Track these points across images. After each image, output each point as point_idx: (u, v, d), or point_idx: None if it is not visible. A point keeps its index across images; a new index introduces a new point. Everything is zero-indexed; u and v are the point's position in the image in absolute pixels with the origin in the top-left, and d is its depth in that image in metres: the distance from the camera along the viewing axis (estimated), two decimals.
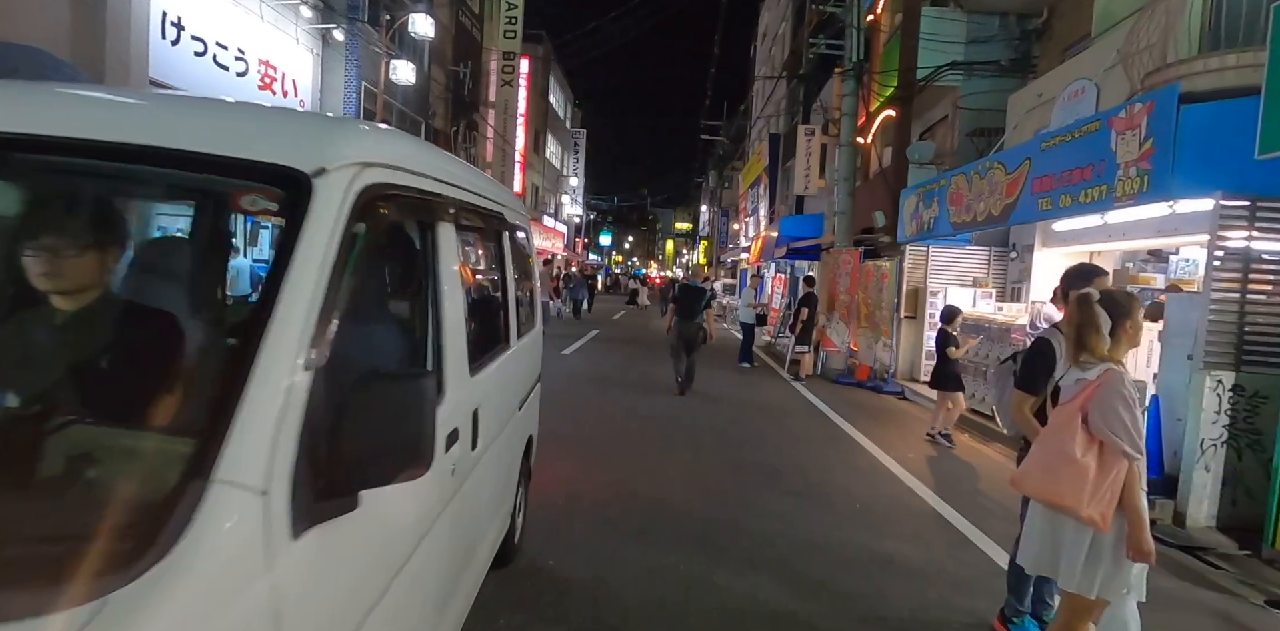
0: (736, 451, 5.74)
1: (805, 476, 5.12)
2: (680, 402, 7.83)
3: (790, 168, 21.05)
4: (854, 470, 5.40)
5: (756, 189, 26.36)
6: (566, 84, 41.44)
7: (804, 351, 10.09)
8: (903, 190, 10.13)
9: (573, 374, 9.30)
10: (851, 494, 4.70)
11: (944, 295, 9.97)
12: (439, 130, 19.40)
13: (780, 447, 5.99)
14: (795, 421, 7.26)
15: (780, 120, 23.52)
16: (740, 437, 6.24)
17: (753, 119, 28.64)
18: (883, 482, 5.06)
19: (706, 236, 51.61)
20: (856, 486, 4.90)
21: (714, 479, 4.90)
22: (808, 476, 5.13)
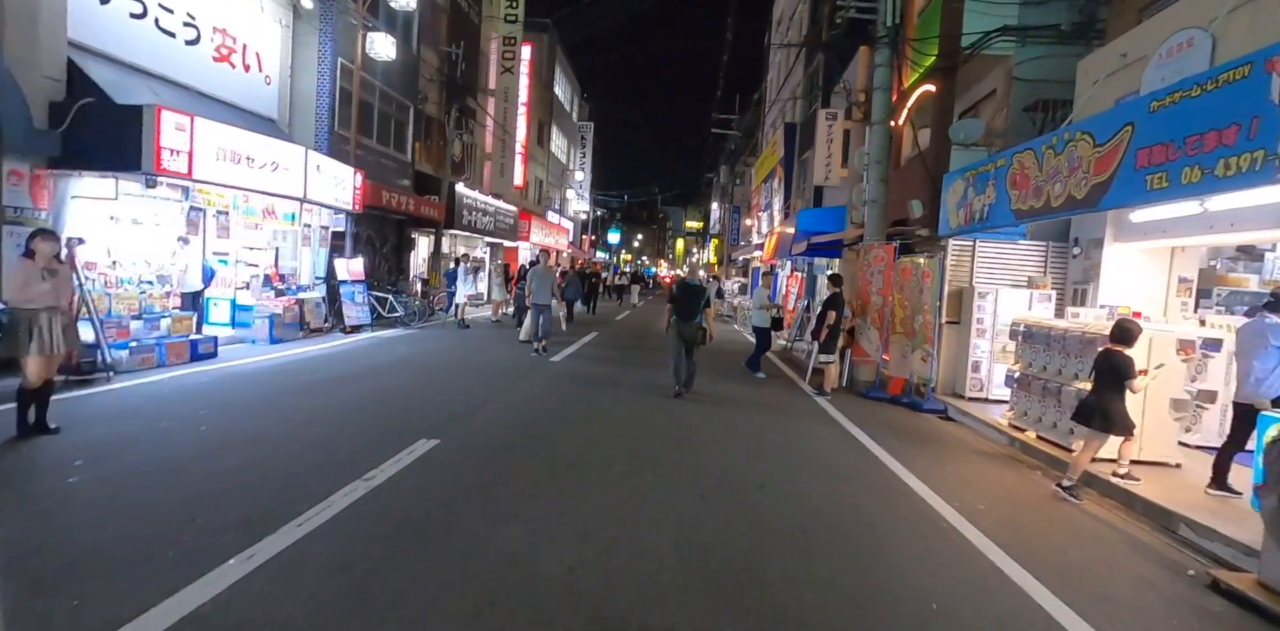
0: (752, 497, 4.37)
1: (846, 543, 3.74)
2: (685, 426, 6.47)
3: (808, 159, 19.61)
4: (911, 533, 4.01)
5: (770, 183, 24.91)
6: (573, 76, 40.11)
7: (829, 362, 8.69)
8: (945, 175, 8.71)
9: (570, 376, 7.97)
10: (917, 581, 3.32)
11: (995, 297, 8.55)
12: (431, 117, 18.09)
13: (809, 493, 4.60)
14: (824, 451, 5.87)
15: (797, 108, 22.06)
16: (757, 476, 4.86)
17: (767, 104, 27.21)
18: (958, 559, 3.66)
19: (717, 234, 50.20)
20: (920, 566, 3.51)
21: (723, 544, 3.54)
22: (849, 543, 3.75)
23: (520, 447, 5.12)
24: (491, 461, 4.66)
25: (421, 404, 6.49)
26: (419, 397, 6.79)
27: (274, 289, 11.14)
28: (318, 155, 10.41)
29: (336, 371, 8.06)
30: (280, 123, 12.05)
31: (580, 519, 3.77)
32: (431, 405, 6.45)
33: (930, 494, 4.74)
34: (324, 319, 11.88)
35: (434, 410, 6.17)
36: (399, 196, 14.14)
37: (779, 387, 9.25)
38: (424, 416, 5.87)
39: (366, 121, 14.29)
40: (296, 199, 9.97)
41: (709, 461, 5.15)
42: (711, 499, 4.27)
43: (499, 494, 4.05)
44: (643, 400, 7.58)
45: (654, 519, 3.85)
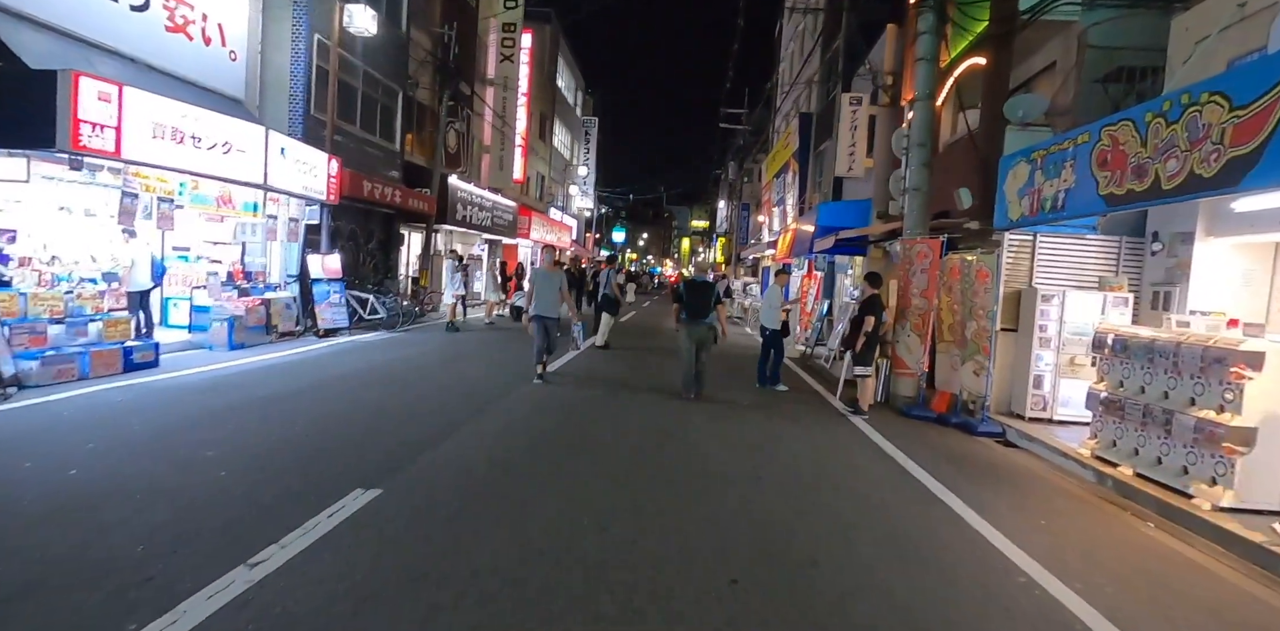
0: (804, 585, 3.15)
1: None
2: (701, 461, 5.25)
3: (825, 150, 18.35)
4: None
5: (783, 177, 23.67)
6: (577, 69, 38.92)
7: (866, 375, 7.45)
8: (1002, 159, 7.47)
9: (562, 391, 6.76)
10: None
11: (1061, 301, 7.31)
12: (424, 105, 16.90)
13: (880, 576, 3.37)
14: (881, 497, 4.64)
15: (813, 97, 20.80)
16: (803, 544, 3.64)
17: (779, 96, 25.93)
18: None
19: (725, 233, 48.95)
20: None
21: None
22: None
23: (484, 503, 3.88)
24: (440, 530, 3.41)
25: (373, 431, 5.27)
26: (373, 422, 5.57)
27: (236, 288, 9.98)
28: (281, 137, 9.22)
29: (287, 385, 6.87)
30: (248, 104, 10.89)
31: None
32: (386, 433, 5.22)
33: (1034, 566, 3.51)
34: (295, 321, 10.72)
35: (387, 441, 4.96)
36: (384, 188, 12.97)
37: (806, 404, 8.02)
38: (372, 450, 4.67)
39: (348, 106, 13.11)
40: (255, 186, 8.79)
41: (737, 521, 3.93)
42: (747, 587, 3.05)
43: (436, 597, 2.76)
44: (647, 423, 6.37)
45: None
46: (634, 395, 7.65)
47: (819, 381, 9.83)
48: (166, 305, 10.29)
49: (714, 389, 8.35)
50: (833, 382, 9.66)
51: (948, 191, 8.70)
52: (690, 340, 7.49)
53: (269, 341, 10.01)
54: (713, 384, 8.53)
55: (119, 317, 7.52)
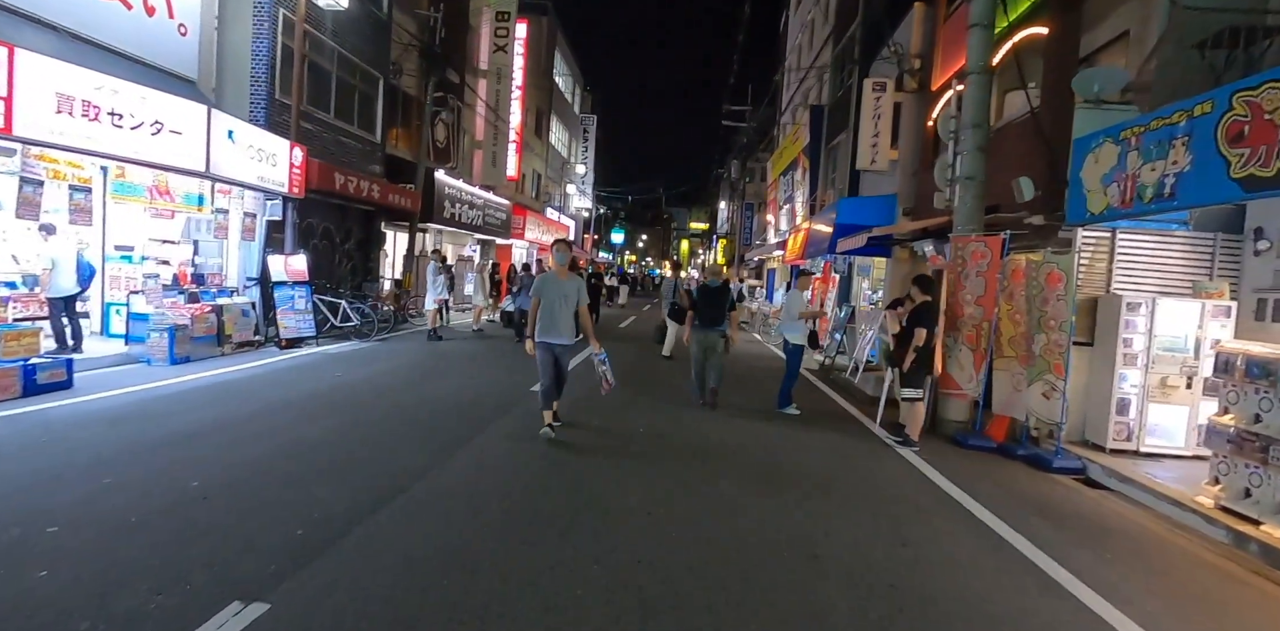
0: None
1: None
2: (729, 533, 4.04)
3: (839, 144, 17.17)
4: None
5: (791, 175, 22.47)
6: (575, 66, 37.75)
7: (917, 398, 6.23)
8: (1076, 141, 6.28)
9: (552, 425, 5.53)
10: None
11: (1149, 310, 6.11)
12: (410, 95, 15.68)
13: None
14: (970, 576, 3.42)
15: (824, 89, 19.62)
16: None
17: (785, 92, 24.70)
18: None
19: (726, 234, 47.75)
20: None
21: None
22: None
23: (425, 625, 2.59)
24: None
25: (290, 493, 3.89)
26: (295, 477, 4.18)
27: (183, 293, 8.75)
28: (229, 118, 7.98)
29: (213, 415, 5.61)
30: (202, 85, 9.66)
31: None
32: (305, 497, 3.84)
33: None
34: (254, 330, 9.48)
35: (303, 510, 3.63)
36: (360, 181, 11.75)
37: (842, 431, 6.80)
38: (275, 529, 3.35)
39: (321, 91, 11.90)
40: (195, 174, 7.55)
41: (750, 601, 2.71)
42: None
43: None
44: (655, 467, 5.14)
45: None
46: (641, 415, 6.43)
47: (847, 399, 8.61)
48: (109, 312, 9.07)
49: (733, 411, 7.14)
50: (863, 401, 8.45)
51: (999, 182, 7.49)
52: (701, 347, 7.20)
53: (220, 354, 8.78)
54: (733, 406, 7.34)
55: (23, 329, 6.29)
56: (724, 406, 7.48)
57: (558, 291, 5.52)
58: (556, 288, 5.53)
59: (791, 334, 7.42)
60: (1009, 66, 8.27)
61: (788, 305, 7.45)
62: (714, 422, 6.65)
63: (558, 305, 5.49)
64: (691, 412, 7.06)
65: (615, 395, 7.47)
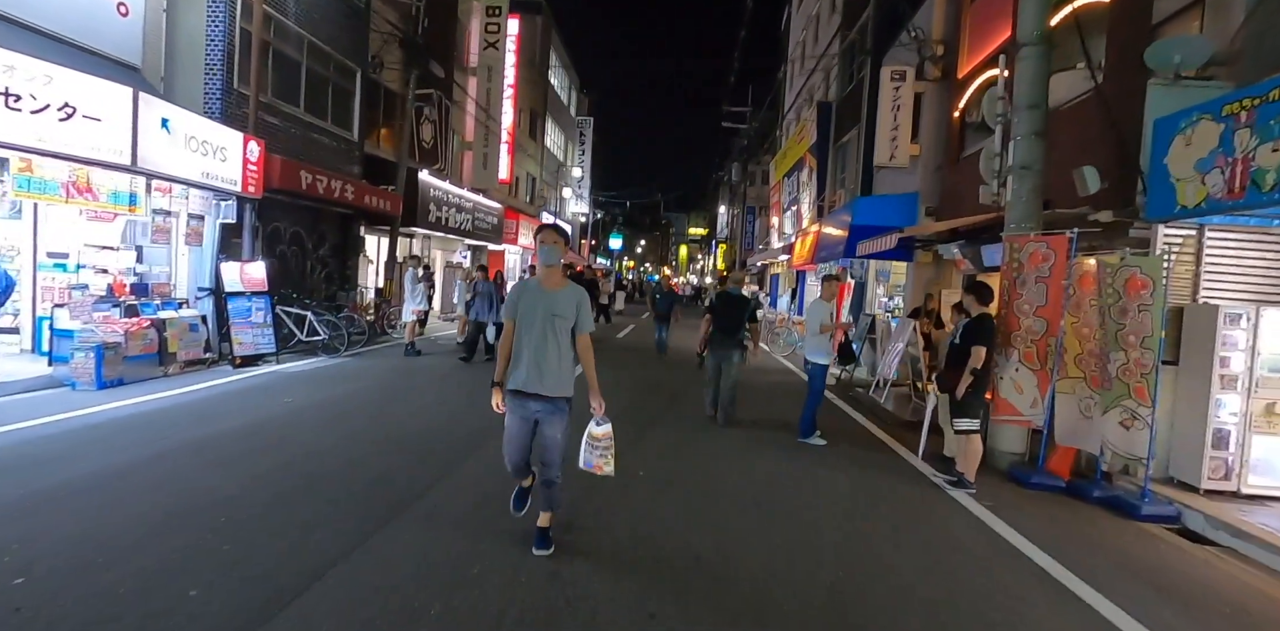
0: None
1: None
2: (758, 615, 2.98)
3: (848, 143, 16.20)
4: None
5: (796, 176, 21.48)
6: (572, 68, 36.86)
7: (973, 430, 5.17)
8: (1158, 121, 5.26)
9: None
10: None
11: (1252, 322, 5.07)
12: (392, 91, 14.68)
13: None
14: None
15: (831, 85, 18.66)
16: None
17: (788, 86, 23.73)
18: None
19: (726, 239, 46.80)
20: None
21: None
22: None
23: None
24: None
25: (173, 586, 2.84)
26: (144, 573, 2.93)
27: (119, 305, 7.71)
28: (163, 105, 6.95)
29: (95, 465, 4.44)
30: (148, 72, 8.65)
31: None
32: (166, 601, 2.71)
33: None
34: (205, 347, 8.43)
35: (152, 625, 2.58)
36: (330, 181, 10.72)
37: (879, 467, 5.73)
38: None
39: (289, 83, 10.89)
40: (118, 167, 6.51)
41: None
42: None
43: None
44: (662, 541, 4.09)
45: None
46: (647, 454, 5.38)
47: (874, 421, 7.54)
48: (40, 328, 8.02)
49: (749, 439, 6.08)
50: (892, 423, 7.40)
51: (1050, 174, 6.46)
52: (717, 358, 6.78)
53: (163, 375, 7.72)
54: (748, 430, 6.28)
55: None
56: (738, 430, 6.44)
57: (545, 309, 3.35)
58: (543, 303, 3.36)
59: (815, 353, 6.35)
60: (1060, 42, 7.24)
61: (810, 319, 6.38)
62: (728, 458, 5.59)
63: (545, 333, 3.34)
64: (702, 443, 6.00)
65: (615, 424, 6.43)
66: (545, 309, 3.37)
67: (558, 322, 3.38)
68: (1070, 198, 6.33)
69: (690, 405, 7.74)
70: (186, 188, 7.81)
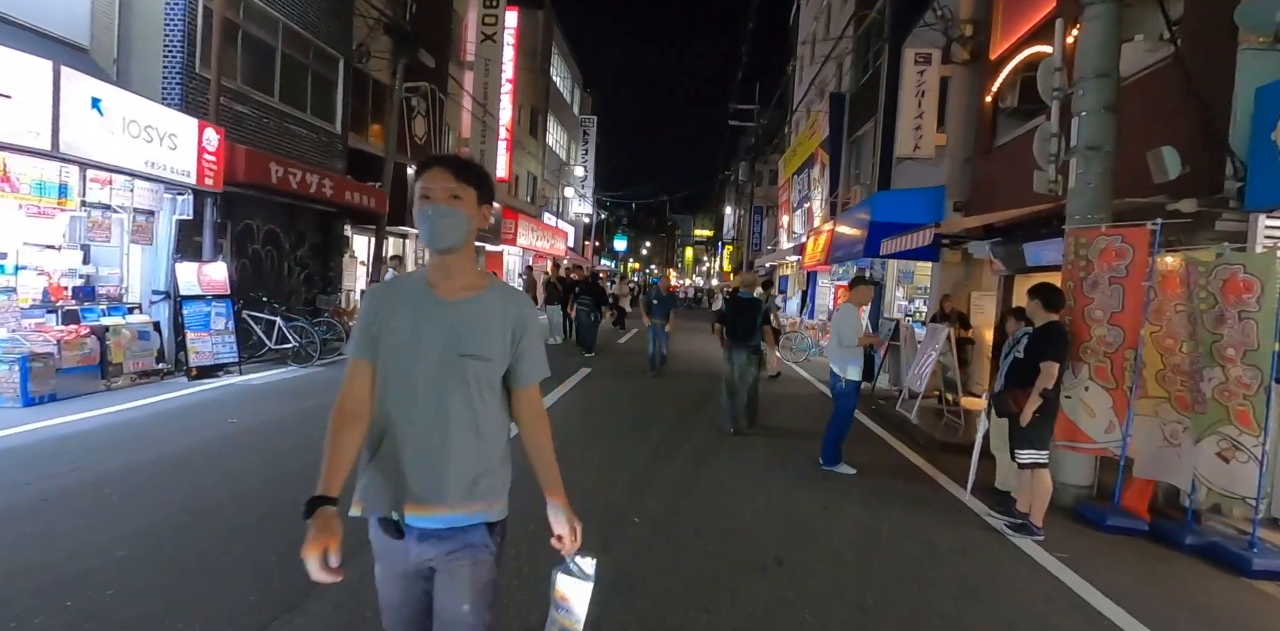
0: None
1: None
2: None
3: (863, 136, 15.30)
4: None
5: (807, 173, 20.58)
6: (575, 66, 36.08)
7: (1040, 463, 4.25)
8: (1260, 89, 4.36)
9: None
10: None
11: None
12: (382, 82, 13.86)
13: None
14: None
15: (844, 78, 17.76)
16: None
17: (798, 81, 22.79)
18: None
19: (732, 240, 45.87)
20: None
21: None
22: None
23: None
24: None
25: None
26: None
27: (54, 311, 6.90)
28: (93, 82, 6.08)
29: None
30: (98, 54, 7.84)
31: None
32: None
33: None
34: (158, 357, 7.59)
35: None
36: (307, 175, 9.89)
37: (918, 502, 4.82)
38: None
39: (262, 69, 10.08)
40: (34, 152, 5.66)
41: None
42: None
43: None
44: (662, 621, 3.20)
45: None
46: (652, 508, 4.50)
47: (905, 442, 6.63)
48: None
49: (765, 462, 5.17)
50: (927, 445, 6.49)
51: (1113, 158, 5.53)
52: (732, 365, 6.46)
53: (104, 389, 6.89)
54: (764, 448, 5.38)
55: None
56: (753, 452, 5.54)
57: (444, 340, 1.60)
58: (439, 327, 1.61)
59: (844, 364, 5.43)
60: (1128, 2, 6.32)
61: (839, 327, 5.45)
62: (742, 493, 4.69)
63: (445, 389, 1.61)
64: (710, 472, 5.10)
65: (611, 446, 5.53)
66: (445, 340, 1.60)
67: (471, 369, 1.61)
68: (1139, 185, 5.40)
69: (697, 424, 6.85)
70: (131, 179, 6.97)
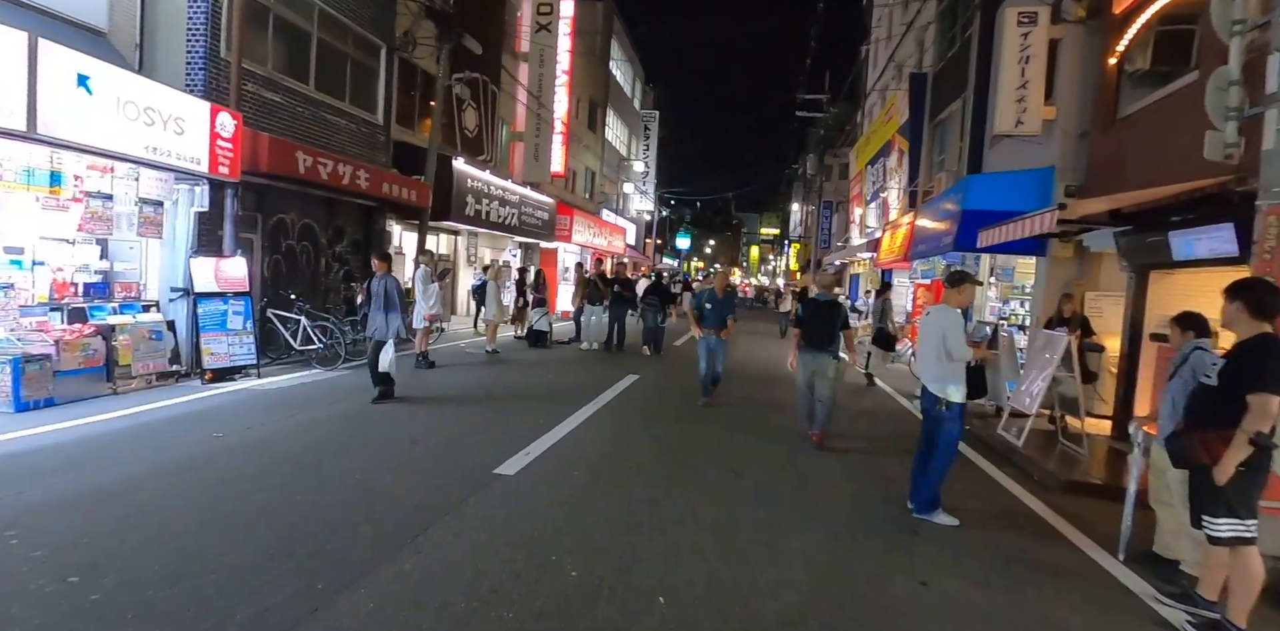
0: None
1: None
2: None
3: (948, 118, 13.71)
4: None
5: (882, 162, 18.96)
6: (636, 59, 35.22)
7: (1247, 537, 2.98)
8: None
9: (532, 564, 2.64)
10: None
11: None
12: (430, 73, 13.30)
13: None
14: None
15: (924, 57, 16.11)
16: None
17: (872, 65, 21.07)
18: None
19: (800, 238, 43.99)
20: None
21: None
22: None
23: None
24: None
25: None
26: None
27: (58, 309, 6.45)
28: (79, 57, 5.50)
29: None
30: (118, 38, 7.42)
31: None
32: None
33: None
34: (171, 358, 7.10)
35: None
36: (339, 165, 9.32)
37: (1045, 572, 3.58)
38: None
39: (295, 55, 9.59)
40: (8, 134, 5.11)
41: None
42: None
43: None
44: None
45: None
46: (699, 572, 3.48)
47: (1011, 473, 5.33)
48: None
49: (834, 496, 4.03)
50: (1046, 482, 5.16)
51: None
52: (809, 372, 6.11)
53: (109, 393, 6.40)
54: (833, 480, 4.24)
55: None
56: (824, 491, 4.41)
57: None
58: None
59: (944, 383, 4.20)
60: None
61: (943, 336, 4.18)
62: (813, 561, 3.57)
63: None
64: (769, 520, 4.00)
65: (640, 474, 4.48)
66: None
67: None
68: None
69: (757, 456, 5.76)
70: (136, 167, 6.45)
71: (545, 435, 5.60)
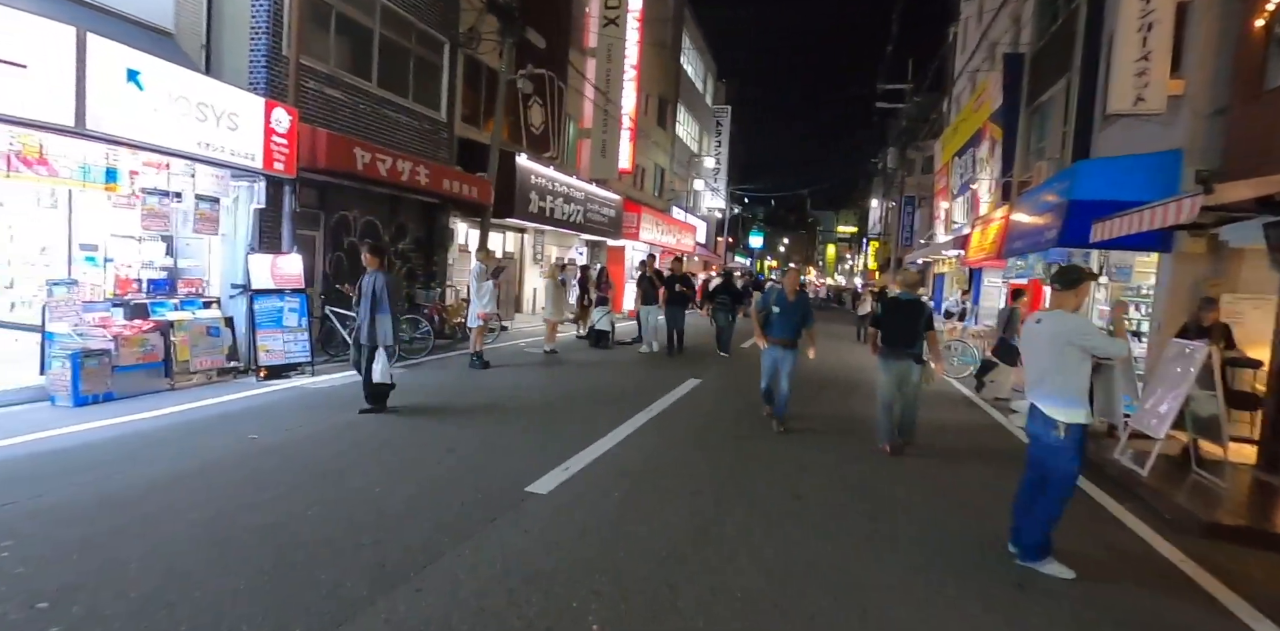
0: None
1: None
2: None
3: (1047, 102, 12.44)
4: None
5: (971, 153, 17.58)
6: (709, 54, 34.53)
7: None
8: None
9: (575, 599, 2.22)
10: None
11: None
12: (495, 69, 13.18)
13: None
14: None
15: (1022, 35, 14.73)
16: None
17: (960, 49, 19.56)
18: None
19: (879, 236, 42.03)
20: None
21: None
22: None
23: None
24: None
25: None
26: None
27: (120, 305, 6.54)
28: (130, 52, 5.46)
29: None
30: (184, 39, 7.52)
31: None
32: None
33: None
34: (228, 354, 7.12)
35: None
36: (398, 162, 9.24)
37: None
38: None
39: (358, 53, 9.58)
40: (55, 129, 5.10)
41: None
42: None
43: None
44: None
45: None
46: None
47: (1140, 515, 4.47)
48: (50, 336, 7.08)
49: (928, 560, 3.38)
50: (1178, 522, 4.29)
51: None
52: (891, 376, 5.66)
53: (167, 388, 6.44)
54: (927, 552, 3.58)
55: None
56: (905, 521, 3.76)
57: None
58: None
59: (1069, 402, 3.44)
60: None
61: (1055, 345, 3.43)
62: (871, 604, 2.97)
63: None
64: (837, 564, 3.41)
65: (688, 496, 3.92)
66: None
67: None
68: None
69: (824, 477, 5.14)
70: (192, 163, 6.45)
71: (589, 447, 5.16)
